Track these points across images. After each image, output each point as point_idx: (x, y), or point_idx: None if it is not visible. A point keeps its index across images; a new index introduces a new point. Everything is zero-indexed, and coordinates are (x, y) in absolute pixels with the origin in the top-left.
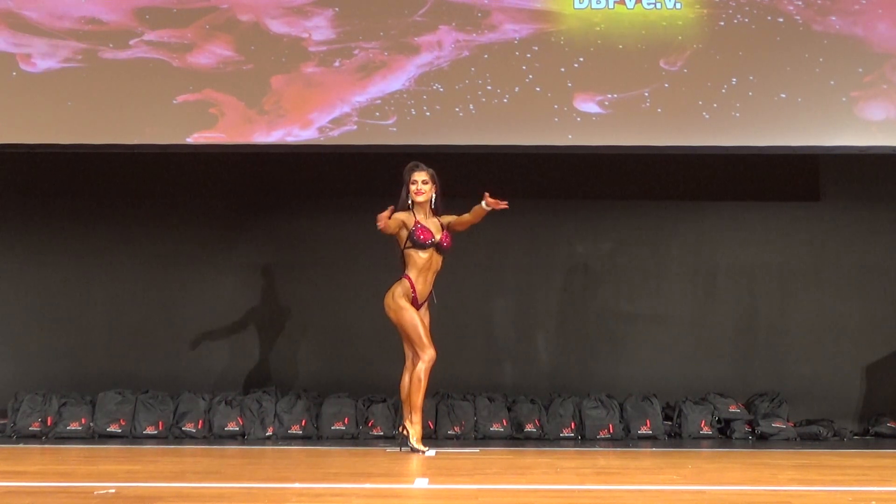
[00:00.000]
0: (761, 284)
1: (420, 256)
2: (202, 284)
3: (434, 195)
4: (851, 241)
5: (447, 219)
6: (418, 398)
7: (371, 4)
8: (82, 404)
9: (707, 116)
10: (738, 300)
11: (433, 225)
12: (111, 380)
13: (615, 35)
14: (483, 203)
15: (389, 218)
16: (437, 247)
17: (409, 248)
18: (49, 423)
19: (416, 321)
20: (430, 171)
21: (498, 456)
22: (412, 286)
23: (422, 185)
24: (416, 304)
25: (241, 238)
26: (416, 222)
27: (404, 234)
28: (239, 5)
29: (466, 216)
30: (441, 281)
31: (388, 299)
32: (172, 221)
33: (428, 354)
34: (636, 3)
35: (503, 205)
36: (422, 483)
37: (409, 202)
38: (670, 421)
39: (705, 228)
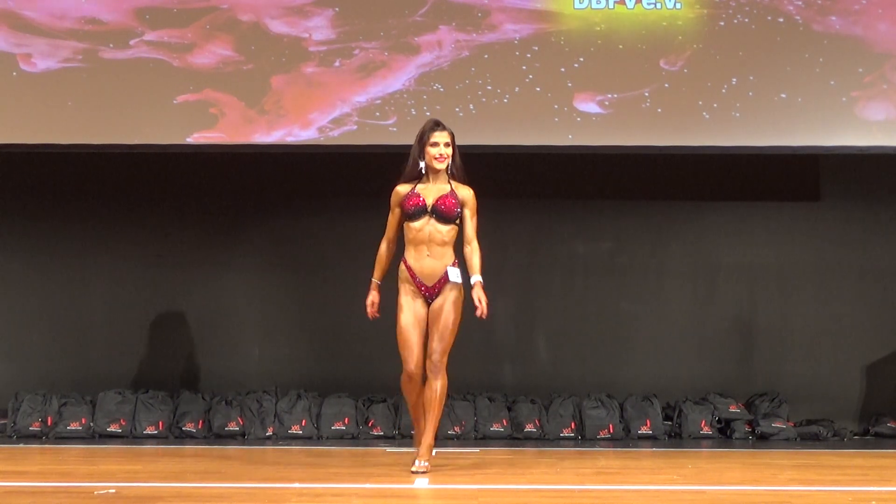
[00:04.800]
0: (761, 284)
1: (411, 227)
2: (202, 284)
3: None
4: (851, 241)
5: (464, 196)
6: (411, 414)
7: (371, 4)
8: (82, 404)
9: (707, 116)
10: (738, 300)
11: (436, 191)
12: (111, 380)
13: (615, 35)
14: (473, 284)
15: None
16: (435, 213)
17: (405, 221)
18: (49, 423)
19: (400, 325)
20: (451, 131)
21: (498, 456)
22: (407, 266)
23: (444, 147)
24: (421, 286)
25: (241, 238)
26: (412, 191)
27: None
28: (239, 5)
29: (471, 251)
30: None
31: None
32: (172, 221)
33: (405, 366)
34: (636, 3)
35: (481, 307)
36: (422, 483)
37: (421, 168)
38: (670, 421)
39: (705, 228)
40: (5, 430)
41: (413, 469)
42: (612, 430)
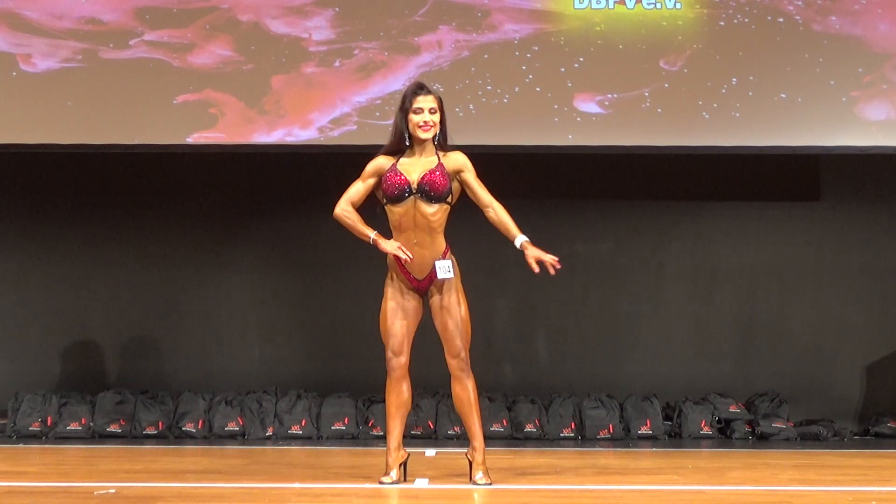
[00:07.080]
0: (761, 284)
1: (393, 210)
2: (202, 284)
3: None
4: (851, 241)
5: (456, 162)
6: (387, 420)
7: (371, 4)
8: (82, 404)
9: (707, 116)
10: (738, 300)
11: (421, 166)
12: (111, 380)
13: (615, 35)
14: (522, 245)
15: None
16: (421, 192)
17: (385, 203)
18: (49, 423)
19: (383, 312)
20: (438, 95)
21: (498, 456)
22: (396, 258)
23: (429, 114)
24: (411, 279)
25: (241, 238)
26: (393, 167)
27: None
28: (239, 5)
29: (497, 214)
30: None
31: None
32: (172, 221)
33: (387, 359)
34: (636, 3)
35: (551, 259)
36: (422, 483)
37: (407, 139)
38: (670, 421)
39: (705, 228)
40: (5, 430)
41: (478, 481)
42: (612, 430)
